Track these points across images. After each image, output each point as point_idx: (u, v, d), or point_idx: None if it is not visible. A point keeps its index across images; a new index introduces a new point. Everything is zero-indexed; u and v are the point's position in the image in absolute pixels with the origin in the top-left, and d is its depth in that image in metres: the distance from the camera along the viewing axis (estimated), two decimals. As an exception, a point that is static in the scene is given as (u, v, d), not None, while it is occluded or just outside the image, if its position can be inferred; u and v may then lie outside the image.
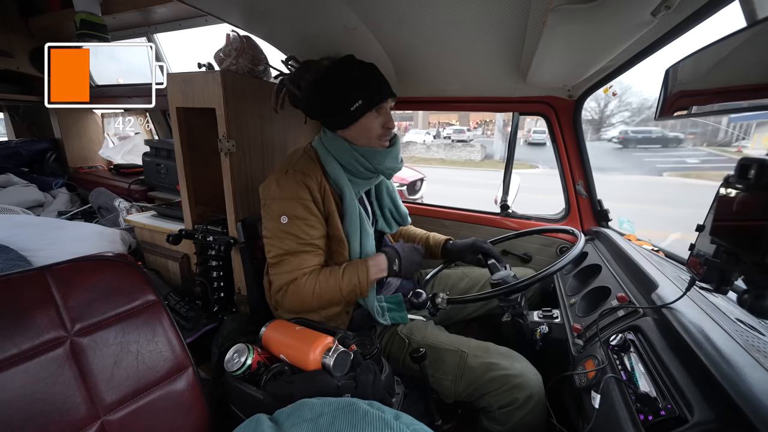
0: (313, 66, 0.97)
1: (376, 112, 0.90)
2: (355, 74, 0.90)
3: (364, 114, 0.89)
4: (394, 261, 0.91)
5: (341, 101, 0.88)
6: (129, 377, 0.62)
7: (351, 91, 0.88)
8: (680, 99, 0.60)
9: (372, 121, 0.90)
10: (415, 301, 0.84)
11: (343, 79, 0.89)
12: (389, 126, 0.93)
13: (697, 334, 0.54)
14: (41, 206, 2.14)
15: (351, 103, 0.87)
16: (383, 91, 0.91)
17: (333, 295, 0.85)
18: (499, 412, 0.75)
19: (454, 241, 1.17)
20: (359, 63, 0.92)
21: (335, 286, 0.84)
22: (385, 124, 0.92)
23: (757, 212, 0.40)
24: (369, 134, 0.91)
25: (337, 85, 0.90)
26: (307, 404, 0.56)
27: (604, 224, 1.32)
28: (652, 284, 0.74)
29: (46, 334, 0.56)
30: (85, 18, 1.69)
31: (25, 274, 0.59)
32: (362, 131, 0.91)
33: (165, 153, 1.96)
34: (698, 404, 0.46)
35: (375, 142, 0.93)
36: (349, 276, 0.85)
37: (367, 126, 0.90)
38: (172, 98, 1.17)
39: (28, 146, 2.47)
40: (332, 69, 0.91)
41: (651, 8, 0.56)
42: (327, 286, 0.84)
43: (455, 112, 18.27)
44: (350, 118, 0.89)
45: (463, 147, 14.14)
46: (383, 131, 0.92)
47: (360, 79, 0.89)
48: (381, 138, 0.93)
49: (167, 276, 1.50)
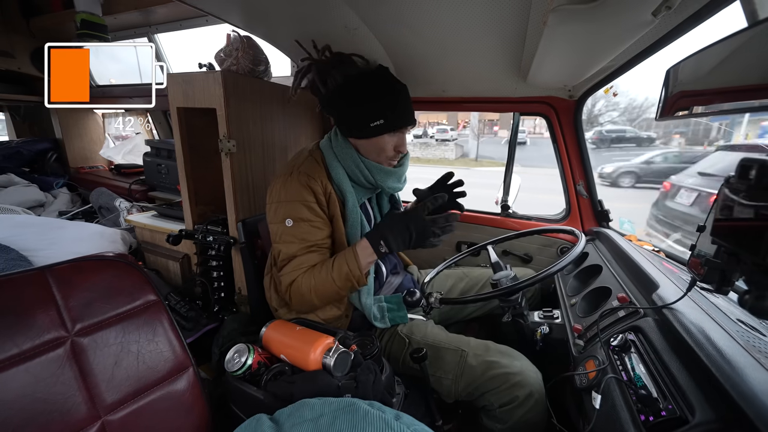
0: (344, 63, 0.92)
1: (392, 134, 0.90)
2: (385, 92, 0.88)
3: (381, 134, 0.88)
4: (378, 242, 0.82)
5: (363, 114, 0.87)
6: (129, 377, 0.62)
7: (375, 108, 0.87)
8: (681, 99, 0.59)
9: (387, 142, 0.90)
10: (409, 300, 0.86)
11: (371, 93, 0.87)
12: (401, 150, 0.93)
13: (698, 334, 0.54)
14: (42, 206, 2.15)
15: (373, 119, 0.87)
16: (407, 117, 0.90)
17: (329, 287, 0.83)
18: (499, 411, 0.76)
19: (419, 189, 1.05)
20: (392, 81, 0.90)
21: (327, 278, 0.83)
22: (397, 147, 0.92)
23: (758, 213, 0.40)
24: (380, 153, 0.91)
25: (364, 97, 0.88)
26: (307, 404, 0.56)
27: (604, 224, 1.32)
28: (652, 285, 0.74)
29: (47, 334, 0.56)
30: (86, 18, 1.69)
31: (26, 274, 0.59)
32: (375, 148, 0.91)
33: (166, 153, 1.97)
34: (699, 405, 0.46)
35: (384, 160, 0.93)
36: (339, 265, 0.83)
37: (381, 145, 0.90)
38: (173, 98, 1.17)
39: (29, 146, 2.47)
40: (364, 78, 0.89)
41: (652, 8, 0.56)
42: (321, 278, 0.83)
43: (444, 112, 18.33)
44: (367, 133, 0.89)
45: (438, 146, 14.30)
46: (394, 154, 0.92)
47: (388, 99, 0.88)
48: (391, 159, 0.93)
49: (168, 276, 1.50)
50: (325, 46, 0.99)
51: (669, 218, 3.03)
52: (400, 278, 1.15)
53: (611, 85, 1.10)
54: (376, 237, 0.82)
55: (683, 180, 3.14)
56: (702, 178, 3.00)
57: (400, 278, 1.15)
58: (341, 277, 0.82)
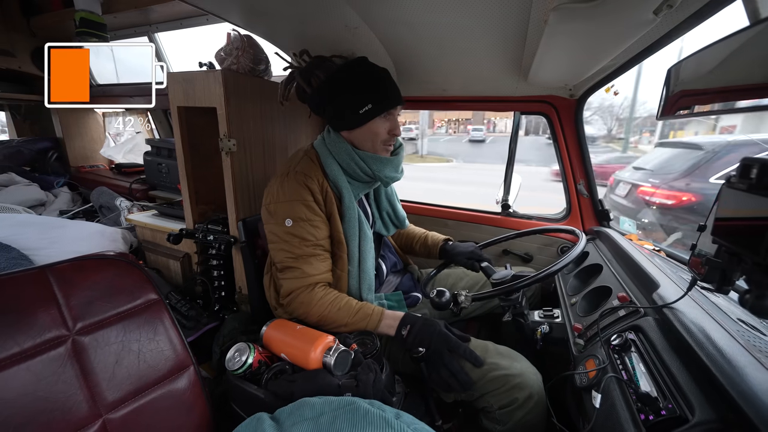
0: (325, 63, 0.96)
1: (383, 118, 0.90)
2: (366, 77, 0.89)
3: (372, 118, 0.89)
4: (405, 326, 0.82)
5: (350, 103, 0.88)
6: (130, 376, 0.62)
7: (361, 94, 0.88)
8: (682, 98, 0.59)
9: (379, 126, 0.90)
10: (437, 301, 0.80)
11: (354, 81, 0.89)
12: (395, 132, 0.93)
13: (698, 333, 0.54)
14: (43, 205, 2.15)
15: (360, 105, 0.87)
16: (393, 97, 0.91)
17: (337, 324, 0.85)
18: (499, 412, 0.75)
19: (453, 243, 1.17)
20: (372, 66, 0.92)
21: (343, 320, 0.84)
22: (391, 130, 0.92)
23: (759, 212, 0.40)
24: (374, 139, 0.91)
25: (347, 86, 0.89)
26: (307, 403, 0.56)
27: (605, 224, 1.32)
28: (653, 284, 0.74)
29: (48, 332, 0.56)
30: (85, 16, 1.69)
31: (27, 273, 0.59)
32: (368, 135, 0.91)
33: (166, 152, 1.97)
34: (699, 404, 0.46)
35: (379, 147, 0.93)
36: (360, 318, 0.84)
37: (374, 131, 0.90)
38: (174, 97, 1.17)
39: (29, 145, 2.47)
40: (344, 69, 0.91)
41: (653, 7, 0.56)
42: (337, 315, 0.84)
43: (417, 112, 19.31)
44: (357, 121, 0.89)
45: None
46: (389, 137, 0.93)
47: (371, 83, 0.89)
48: (386, 144, 0.93)
49: (168, 275, 1.50)
50: (302, 50, 1.02)
51: (609, 209, 3.36)
52: (399, 277, 1.15)
53: (612, 84, 1.09)
54: (408, 320, 0.82)
55: (623, 175, 3.37)
56: (636, 172, 3.19)
57: (400, 277, 1.15)
58: (355, 326, 0.84)
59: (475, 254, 1.08)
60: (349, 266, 0.92)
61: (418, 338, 0.79)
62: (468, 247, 1.11)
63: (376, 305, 0.88)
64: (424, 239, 1.21)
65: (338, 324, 0.84)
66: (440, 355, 0.77)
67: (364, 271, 0.93)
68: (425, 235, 1.23)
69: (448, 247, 1.15)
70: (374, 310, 0.85)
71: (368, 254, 0.94)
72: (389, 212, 1.08)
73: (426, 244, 1.20)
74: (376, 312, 0.85)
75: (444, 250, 1.15)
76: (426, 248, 1.20)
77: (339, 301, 0.85)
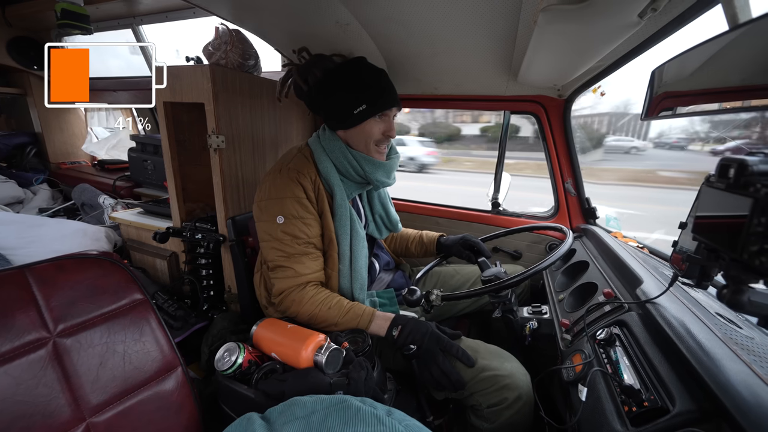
0: (324, 61, 0.95)
1: (378, 119, 0.90)
2: (363, 77, 0.89)
3: (366, 119, 0.89)
4: (396, 326, 0.82)
5: (346, 102, 0.88)
6: (115, 378, 0.60)
7: (356, 94, 0.87)
8: (665, 100, 0.61)
9: (373, 126, 0.90)
10: (409, 298, 0.84)
11: (350, 81, 0.89)
12: (390, 134, 0.93)
13: (679, 327, 0.56)
14: (21, 203, 2.07)
15: (355, 105, 0.87)
16: (389, 98, 0.91)
17: (328, 323, 0.84)
18: (487, 411, 0.76)
19: (446, 237, 1.20)
20: (370, 67, 0.92)
21: (334, 319, 0.84)
22: (386, 132, 0.92)
23: (736, 211, 0.42)
24: (368, 139, 0.91)
25: (344, 86, 0.89)
26: (299, 402, 0.56)
27: (591, 221, 1.35)
28: (636, 280, 0.76)
29: (27, 335, 0.54)
30: (66, 7, 1.62)
31: (5, 273, 0.57)
32: (362, 135, 0.91)
33: (152, 148, 1.92)
34: (679, 395, 0.48)
35: (373, 148, 0.92)
36: (351, 318, 0.84)
37: (368, 131, 0.90)
38: (159, 92, 1.14)
39: (6, 140, 2.37)
40: (342, 68, 0.91)
41: (638, 10, 0.58)
42: (327, 314, 0.84)
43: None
44: (352, 121, 0.89)
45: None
46: (383, 138, 0.93)
47: (368, 84, 0.89)
48: (379, 144, 0.93)
49: (155, 274, 1.47)
50: (301, 48, 1.01)
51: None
52: (391, 275, 1.15)
53: (599, 84, 1.12)
54: (399, 321, 0.82)
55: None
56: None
57: (392, 275, 1.15)
58: (346, 325, 0.84)
59: (465, 240, 1.12)
60: (341, 265, 0.92)
61: (410, 338, 0.79)
62: (458, 236, 1.15)
63: (367, 305, 0.88)
64: (419, 238, 1.23)
65: (329, 323, 0.84)
66: (433, 354, 0.77)
67: (355, 270, 0.93)
68: (419, 234, 1.24)
69: (443, 240, 1.19)
70: (365, 311, 0.85)
71: (360, 253, 0.93)
72: (382, 215, 1.09)
73: (422, 242, 1.22)
74: (366, 312, 0.85)
75: (440, 244, 1.19)
76: (422, 246, 1.22)
77: (330, 300, 0.85)
